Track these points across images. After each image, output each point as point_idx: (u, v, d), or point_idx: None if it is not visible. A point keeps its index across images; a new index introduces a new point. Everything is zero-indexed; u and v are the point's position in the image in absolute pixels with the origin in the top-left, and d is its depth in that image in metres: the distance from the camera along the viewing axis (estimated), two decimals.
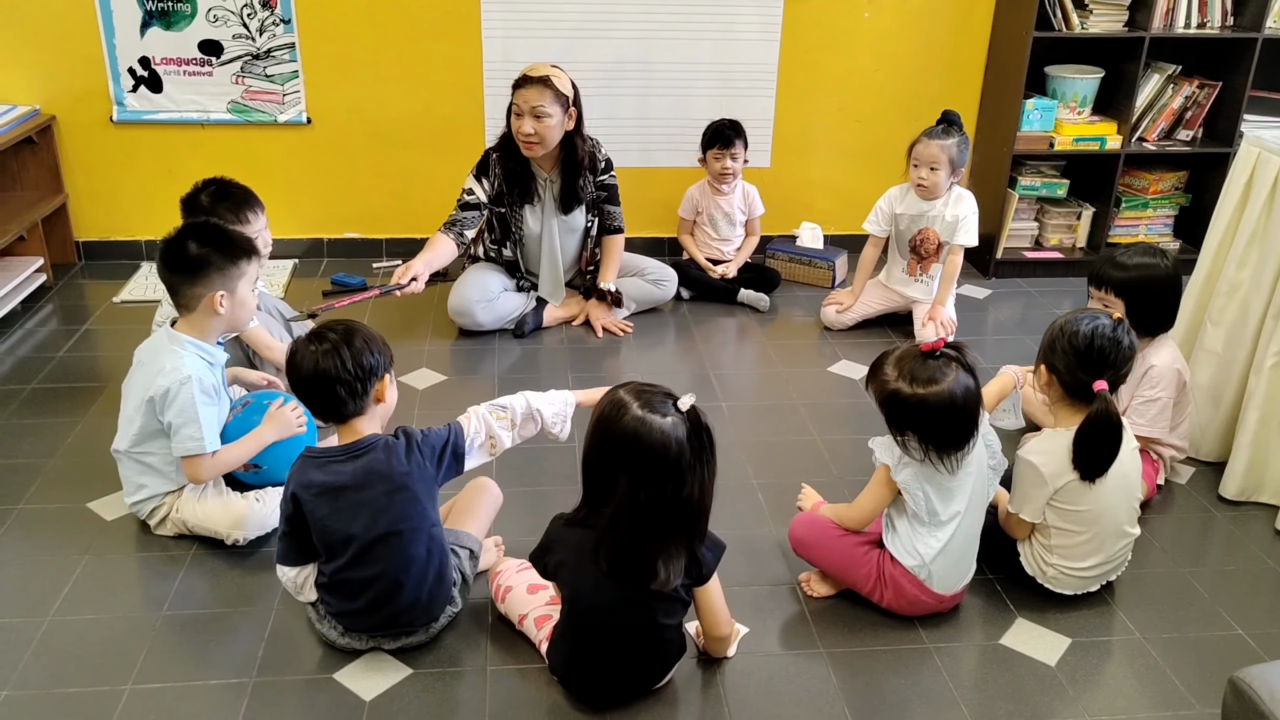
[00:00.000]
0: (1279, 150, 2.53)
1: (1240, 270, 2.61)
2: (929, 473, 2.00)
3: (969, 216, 3.35)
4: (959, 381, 1.94)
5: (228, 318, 2.30)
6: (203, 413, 2.20)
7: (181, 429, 2.21)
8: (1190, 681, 1.99)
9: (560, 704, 1.90)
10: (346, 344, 1.88)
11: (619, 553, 1.75)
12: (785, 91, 3.96)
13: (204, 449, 2.21)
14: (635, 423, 1.70)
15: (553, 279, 3.47)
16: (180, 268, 2.25)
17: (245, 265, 2.30)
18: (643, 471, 1.70)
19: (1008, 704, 1.93)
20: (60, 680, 1.93)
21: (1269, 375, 2.48)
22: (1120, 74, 3.86)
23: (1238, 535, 2.47)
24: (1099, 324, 2.10)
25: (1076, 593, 2.19)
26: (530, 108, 3.15)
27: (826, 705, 1.91)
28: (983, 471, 2.06)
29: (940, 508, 2.01)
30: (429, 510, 1.94)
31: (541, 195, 3.35)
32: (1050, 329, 2.17)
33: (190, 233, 2.28)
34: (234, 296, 2.29)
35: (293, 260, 3.97)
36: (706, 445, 1.74)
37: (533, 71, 3.18)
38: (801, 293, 3.84)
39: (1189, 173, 4.08)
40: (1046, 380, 2.16)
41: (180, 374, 2.20)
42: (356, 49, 3.74)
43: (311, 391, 1.90)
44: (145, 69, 3.69)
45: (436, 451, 1.95)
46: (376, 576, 1.90)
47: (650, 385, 1.78)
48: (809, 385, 3.14)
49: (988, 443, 2.07)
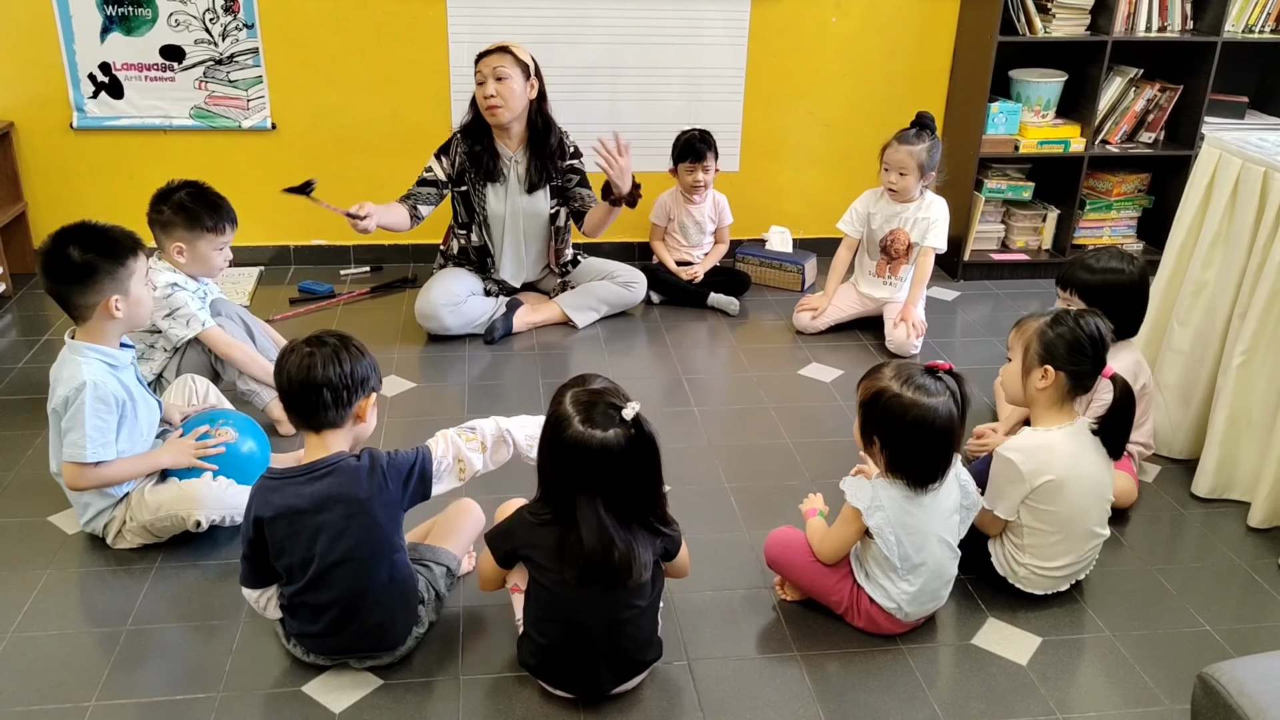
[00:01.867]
0: (1240, 152, 2.57)
1: (1205, 270, 2.64)
2: (900, 516, 1.97)
3: (939, 220, 3.38)
4: (945, 405, 1.93)
5: (126, 320, 2.22)
6: (90, 420, 2.13)
7: (68, 433, 2.15)
8: (1160, 678, 2.01)
9: (535, 711, 1.89)
10: (345, 349, 1.86)
11: (587, 562, 1.76)
12: (753, 96, 3.97)
13: (84, 457, 2.14)
14: (577, 436, 1.73)
15: (515, 260, 3.48)
16: (66, 277, 2.15)
17: (134, 263, 2.21)
18: (588, 480, 1.75)
19: (980, 703, 1.94)
20: (22, 698, 1.89)
21: (1236, 374, 2.51)
22: (1083, 77, 3.90)
23: (1207, 533, 2.50)
24: (1086, 315, 2.13)
25: (1047, 592, 2.20)
26: (491, 69, 3.20)
27: (801, 708, 1.91)
28: (955, 512, 2.05)
29: (913, 553, 1.99)
30: (391, 535, 1.89)
31: (506, 175, 3.36)
32: (1039, 332, 2.15)
33: (68, 238, 2.16)
34: (129, 297, 2.20)
35: (259, 268, 3.92)
36: (651, 451, 1.77)
37: (491, 45, 3.24)
38: (772, 296, 3.84)
39: (1151, 175, 4.13)
40: (1050, 381, 2.14)
41: (76, 381, 2.14)
42: (322, 54, 3.71)
43: (297, 392, 1.86)
44: (106, 75, 3.64)
45: (402, 475, 1.89)
46: (334, 601, 1.87)
47: (596, 391, 1.79)
48: (780, 388, 3.15)
49: (961, 482, 2.06)
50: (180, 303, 2.65)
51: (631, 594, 1.82)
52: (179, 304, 2.65)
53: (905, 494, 1.97)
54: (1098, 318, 2.14)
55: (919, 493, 1.98)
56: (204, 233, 2.66)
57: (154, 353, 2.71)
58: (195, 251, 2.67)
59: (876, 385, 1.97)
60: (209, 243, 2.68)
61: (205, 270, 2.72)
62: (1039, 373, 2.15)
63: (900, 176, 3.33)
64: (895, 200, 3.39)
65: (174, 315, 2.64)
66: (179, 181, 2.70)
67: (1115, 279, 2.51)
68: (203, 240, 2.67)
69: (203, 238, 2.67)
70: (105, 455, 2.16)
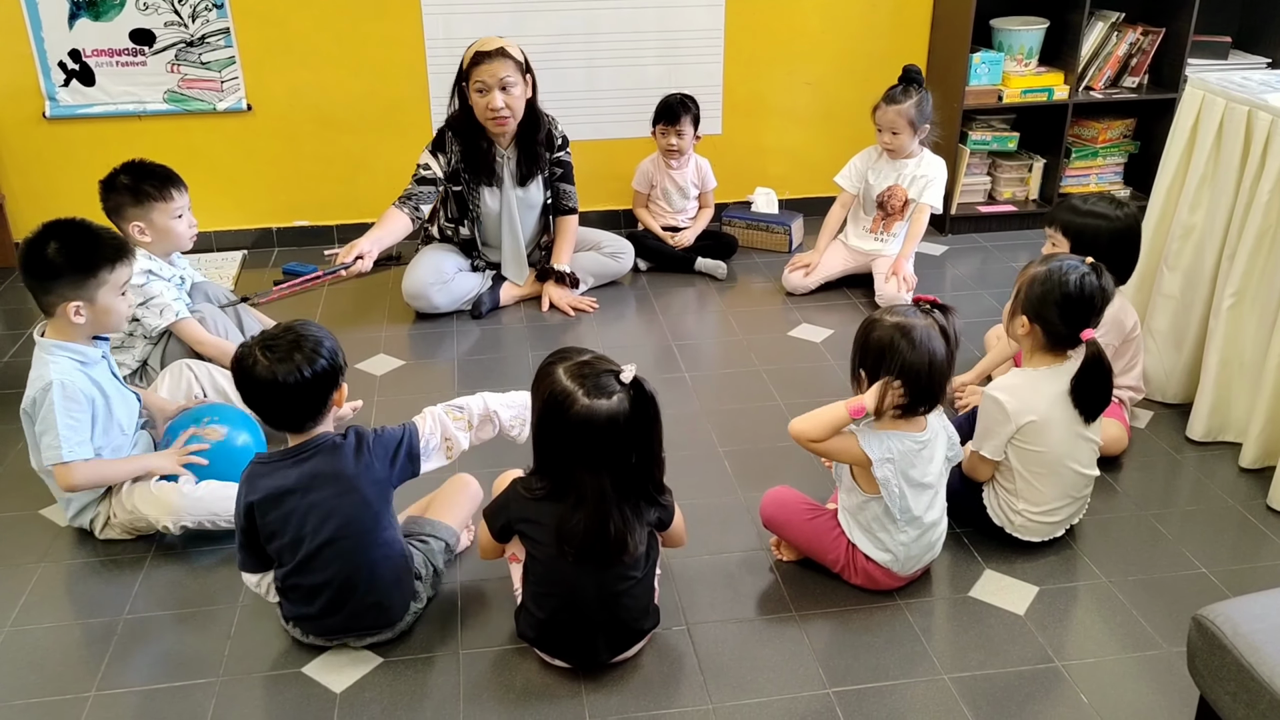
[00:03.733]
0: (1223, 92, 2.55)
1: (1193, 214, 2.62)
2: (905, 469, 1.97)
3: (937, 179, 3.41)
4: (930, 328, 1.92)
5: (90, 326, 2.18)
6: (61, 420, 2.10)
7: (43, 437, 2.12)
8: (1157, 622, 2.02)
9: (534, 683, 1.89)
10: (297, 349, 1.78)
11: (585, 541, 1.75)
12: (733, 57, 3.93)
13: (60, 458, 2.10)
14: (585, 411, 1.70)
15: (515, 257, 3.43)
16: (33, 271, 2.12)
17: (106, 274, 2.15)
18: (596, 455, 1.73)
19: (979, 654, 1.95)
20: (21, 691, 1.89)
21: (1227, 316, 2.50)
22: (1065, 24, 3.86)
23: (1201, 476, 2.50)
24: (1081, 272, 2.11)
25: (1043, 539, 2.20)
26: (497, 80, 3.08)
27: (801, 668, 1.92)
28: (943, 462, 2.06)
29: (913, 503, 1.99)
30: (380, 513, 1.87)
31: (500, 173, 3.31)
32: (1030, 282, 2.14)
33: (53, 233, 2.13)
34: (94, 305, 2.15)
35: (242, 251, 3.89)
36: (653, 414, 1.76)
37: (485, 45, 3.11)
38: (759, 258, 3.82)
39: (1136, 120, 4.10)
40: (1028, 331, 2.15)
41: (43, 380, 2.11)
42: (294, 31, 3.66)
43: (264, 401, 1.82)
44: (76, 62, 3.58)
45: (390, 452, 1.88)
46: (328, 582, 1.86)
47: (588, 362, 1.76)
48: (770, 351, 3.13)
49: (948, 432, 2.07)
50: (155, 292, 2.62)
51: (627, 565, 1.82)
52: (153, 293, 2.62)
53: (911, 446, 1.98)
54: (1094, 274, 2.11)
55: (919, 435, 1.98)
56: (153, 203, 2.63)
57: (135, 340, 2.68)
58: (154, 226, 2.64)
59: (871, 317, 2.00)
60: (162, 212, 2.64)
61: (174, 242, 2.70)
62: (1019, 320, 2.16)
63: (894, 136, 3.36)
64: (893, 158, 3.42)
65: (148, 305, 2.62)
66: (118, 166, 2.67)
67: (1098, 224, 2.47)
68: (155, 211, 2.63)
69: (154, 209, 2.63)
70: (82, 453, 2.13)
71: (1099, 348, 2.09)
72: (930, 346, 1.91)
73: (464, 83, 3.15)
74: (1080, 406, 2.12)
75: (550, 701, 1.85)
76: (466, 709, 1.84)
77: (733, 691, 1.87)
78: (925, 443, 1.99)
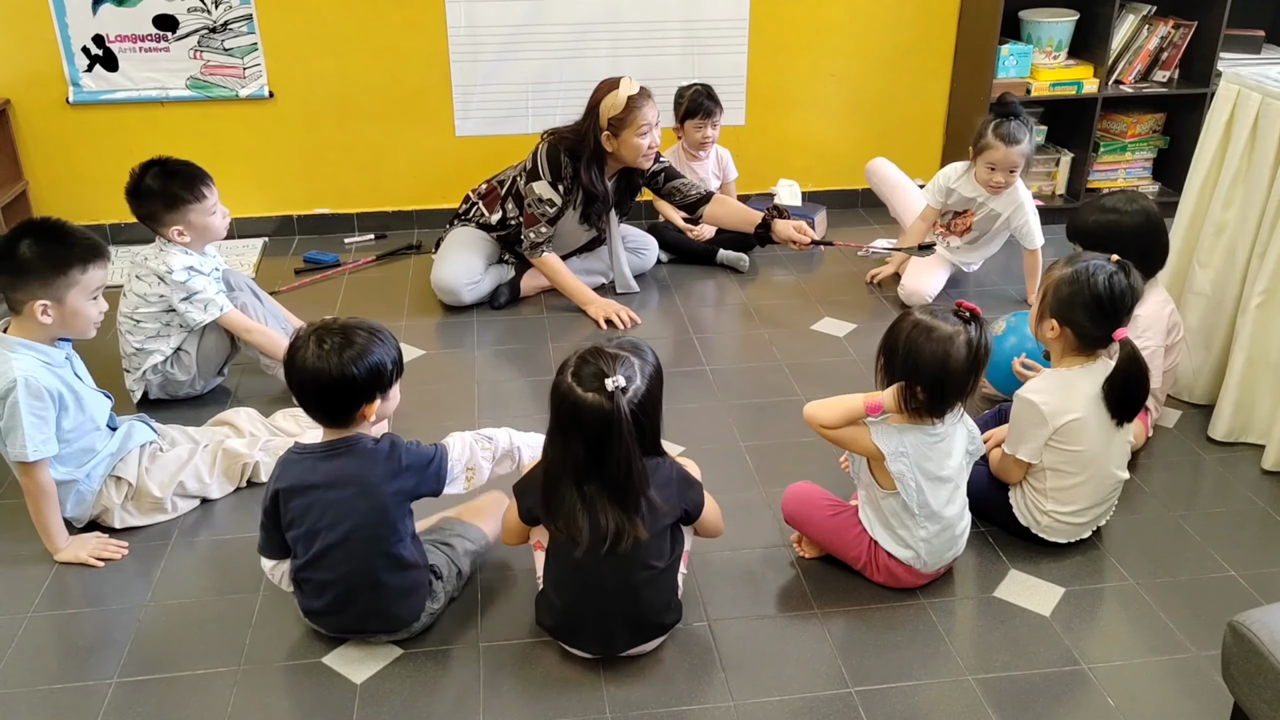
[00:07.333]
0: (1259, 87, 2.50)
1: (1226, 211, 2.58)
2: (921, 462, 1.95)
3: (1030, 218, 3.22)
4: (961, 334, 1.89)
5: (56, 327, 2.15)
6: (26, 418, 2.07)
7: (9, 435, 2.10)
8: (1185, 625, 1.99)
9: (554, 675, 1.88)
10: (346, 349, 1.78)
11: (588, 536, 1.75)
12: (757, 47, 3.90)
13: (26, 457, 2.08)
14: (565, 389, 1.72)
15: (621, 271, 3.43)
16: (3, 268, 2.11)
17: (78, 274, 2.13)
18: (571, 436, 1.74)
19: (1003, 655, 1.93)
20: (44, 677, 1.89)
21: (1255, 315, 2.46)
22: (1094, 16, 3.81)
23: (1225, 477, 2.47)
24: (1108, 272, 2.07)
25: (1070, 540, 2.18)
26: (656, 119, 3.17)
27: (823, 666, 1.90)
28: (963, 456, 2.03)
29: (931, 498, 1.97)
30: (397, 522, 1.86)
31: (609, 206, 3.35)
32: (1056, 284, 2.11)
33: (29, 230, 2.13)
34: (62, 307, 2.13)
35: (263, 239, 3.89)
36: (620, 430, 1.71)
37: (630, 88, 3.10)
38: (781, 251, 3.78)
39: (1166, 114, 4.05)
40: (1057, 334, 2.12)
41: (7, 379, 2.08)
42: (316, 18, 3.65)
43: (297, 387, 1.83)
44: (100, 47, 3.59)
45: (419, 466, 1.88)
46: (337, 580, 1.86)
47: (600, 350, 1.75)
48: (792, 345, 3.11)
49: (969, 427, 2.04)
50: (199, 287, 2.61)
51: (647, 554, 1.80)
52: (197, 289, 2.61)
53: (926, 440, 1.95)
54: (1122, 273, 2.07)
55: (934, 429, 1.95)
56: (188, 206, 2.59)
57: (170, 330, 2.67)
58: (191, 226, 2.61)
59: (906, 313, 1.97)
60: (199, 213, 2.61)
61: (213, 236, 2.67)
62: (1048, 323, 2.13)
63: (1010, 174, 3.14)
64: (992, 193, 3.20)
65: (192, 300, 2.61)
66: (138, 168, 2.61)
67: (1118, 220, 2.43)
68: (192, 213, 2.60)
69: (190, 210, 2.60)
70: (46, 451, 2.11)
71: (1134, 347, 2.06)
72: (958, 357, 1.89)
73: (610, 126, 3.11)
74: (1113, 408, 2.09)
75: (571, 694, 1.84)
76: (487, 700, 1.83)
77: (754, 688, 1.85)
78: (941, 435, 1.97)
